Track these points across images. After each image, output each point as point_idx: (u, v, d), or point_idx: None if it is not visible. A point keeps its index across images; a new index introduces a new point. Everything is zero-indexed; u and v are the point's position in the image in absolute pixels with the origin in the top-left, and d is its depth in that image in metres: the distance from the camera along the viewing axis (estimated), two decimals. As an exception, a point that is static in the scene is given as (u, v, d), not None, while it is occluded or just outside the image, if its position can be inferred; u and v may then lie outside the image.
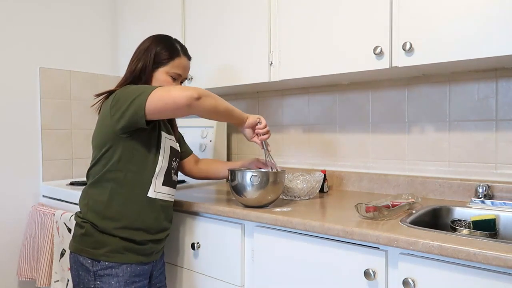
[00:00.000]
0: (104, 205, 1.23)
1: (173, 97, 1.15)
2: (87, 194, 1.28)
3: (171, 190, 1.35)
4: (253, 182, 1.28)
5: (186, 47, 1.44)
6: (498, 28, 1.12)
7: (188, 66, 1.42)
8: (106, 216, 1.23)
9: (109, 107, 1.22)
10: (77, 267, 1.24)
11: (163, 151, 1.30)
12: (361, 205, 1.16)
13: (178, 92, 1.16)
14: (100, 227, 1.23)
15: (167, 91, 1.16)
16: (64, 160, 2.20)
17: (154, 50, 1.33)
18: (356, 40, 1.39)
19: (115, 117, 1.20)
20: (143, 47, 1.35)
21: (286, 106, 2.00)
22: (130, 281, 1.24)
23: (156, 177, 1.28)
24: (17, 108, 2.03)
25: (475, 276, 0.90)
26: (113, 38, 2.43)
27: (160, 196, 1.29)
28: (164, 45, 1.35)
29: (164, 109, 1.16)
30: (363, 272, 1.07)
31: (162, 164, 1.30)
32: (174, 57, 1.35)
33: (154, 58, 1.33)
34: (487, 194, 1.36)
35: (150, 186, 1.27)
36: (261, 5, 1.65)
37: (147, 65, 1.32)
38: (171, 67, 1.34)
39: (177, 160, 1.41)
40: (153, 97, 1.15)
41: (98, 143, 1.27)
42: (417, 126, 1.60)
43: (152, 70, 1.33)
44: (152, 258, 1.32)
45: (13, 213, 2.02)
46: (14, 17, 2.01)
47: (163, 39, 1.38)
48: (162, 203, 1.30)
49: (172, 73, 1.35)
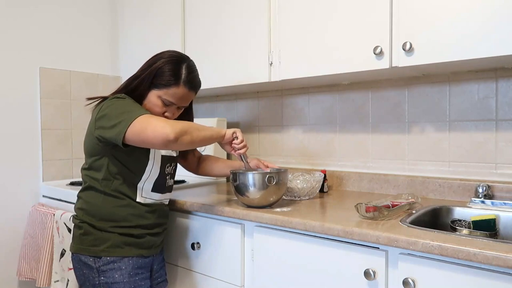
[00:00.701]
0: (99, 207, 1.27)
1: (148, 137, 1.12)
2: (81, 199, 1.32)
3: (162, 196, 1.36)
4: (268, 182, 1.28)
5: (194, 77, 1.32)
6: (498, 28, 1.12)
7: (186, 96, 1.31)
8: (102, 218, 1.26)
9: (94, 120, 1.24)
10: (80, 267, 1.27)
11: (153, 159, 1.30)
12: (361, 205, 1.16)
13: (154, 132, 1.11)
14: (98, 227, 1.26)
15: (144, 128, 1.12)
16: (64, 160, 2.20)
17: (157, 69, 1.26)
18: (356, 40, 1.39)
19: (97, 131, 1.22)
20: (152, 60, 1.30)
21: (286, 106, 2.00)
22: (134, 273, 1.26)
23: (144, 184, 1.30)
24: (17, 108, 2.03)
25: (475, 276, 0.90)
26: (113, 38, 2.43)
27: (149, 201, 1.32)
28: (170, 68, 1.27)
29: (142, 144, 1.16)
30: (363, 272, 1.07)
31: (151, 173, 1.30)
32: (171, 84, 1.26)
33: (153, 77, 1.27)
34: (487, 194, 1.36)
35: (137, 193, 1.29)
36: (261, 5, 1.65)
37: (145, 82, 1.28)
38: (164, 93, 1.27)
39: (172, 164, 1.41)
40: (131, 131, 1.14)
41: (87, 149, 1.30)
42: (417, 126, 1.60)
43: (148, 88, 1.28)
44: (152, 251, 1.34)
45: (13, 213, 2.02)
46: (14, 17, 2.01)
47: (174, 61, 1.29)
48: (152, 206, 1.33)
49: (164, 99, 1.28)
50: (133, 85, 1.29)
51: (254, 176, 1.30)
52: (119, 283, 1.24)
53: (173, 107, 1.32)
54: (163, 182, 1.35)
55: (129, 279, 1.25)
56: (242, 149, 1.36)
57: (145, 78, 1.28)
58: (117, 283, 1.24)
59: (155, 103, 1.28)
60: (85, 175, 1.31)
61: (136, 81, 1.29)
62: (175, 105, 1.31)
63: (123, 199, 1.27)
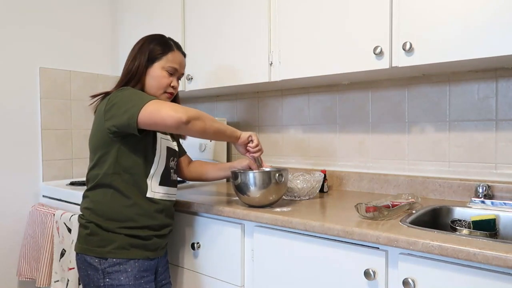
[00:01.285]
0: (107, 207, 1.25)
1: (162, 117, 1.15)
2: (88, 198, 1.30)
3: (170, 189, 1.36)
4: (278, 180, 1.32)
5: (179, 44, 1.44)
6: (498, 28, 1.12)
7: (183, 62, 1.42)
8: (109, 218, 1.25)
9: (103, 111, 1.24)
10: (85, 268, 1.25)
11: (159, 152, 1.32)
12: (361, 205, 1.16)
13: (168, 112, 1.15)
14: (105, 227, 1.24)
15: (157, 110, 1.16)
16: (64, 160, 2.20)
17: (148, 47, 1.34)
18: (356, 40, 1.39)
19: (108, 122, 1.21)
20: (137, 46, 1.37)
21: (286, 106, 2.00)
22: (139, 276, 1.26)
23: (152, 178, 1.29)
24: (17, 108, 2.03)
25: (475, 276, 0.90)
26: (113, 38, 2.43)
27: (158, 196, 1.31)
28: (157, 42, 1.36)
29: (154, 126, 1.18)
30: (363, 272, 1.07)
31: (158, 165, 1.31)
32: (167, 51, 1.35)
33: (149, 54, 1.33)
34: (487, 194, 1.36)
35: (147, 188, 1.28)
36: (261, 4, 1.65)
37: (142, 62, 1.33)
38: (166, 61, 1.34)
39: (175, 159, 1.42)
40: (144, 113, 1.16)
41: (94, 146, 1.29)
42: (417, 126, 1.60)
43: (147, 66, 1.33)
44: (158, 253, 1.33)
45: (13, 213, 2.02)
46: (14, 17, 2.01)
47: (156, 36, 1.39)
48: (161, 202, 1.32)
49: (167, 68, 1.35)
50: (132, 71, 1.33)
51: (255, 175, 1.30)
52: (125, 286, 1.23)
53: (175, 76, 1.38)
54: (168, 175, 1.36)
55: (135, 282, 1.24)
56: (257, 153, 1.39)
57: (141, 60, 1.33)
58: (123, 286, 1.22)
59: (161, 74, 1.34)
60: (93, 173, 1.29)
61: (133, 66, 1.33)
62: (177, 73, 1.39)
63: (131, 197, 1.25)
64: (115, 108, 1.21)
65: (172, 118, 1.14)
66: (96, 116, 1.29)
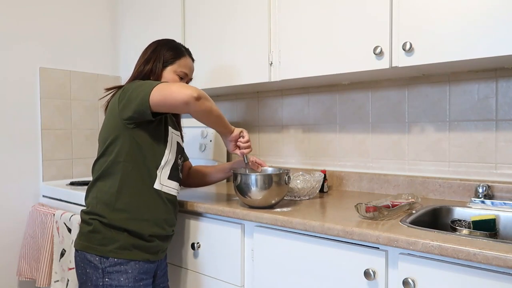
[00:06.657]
0: (114, 196, 1.24)
1: (172, 93, 1.17)
2: (95, 187, 1.29)
3: (177, 185, 1.37)
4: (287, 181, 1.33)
5: (186, 47, 1.48)
6: (498, 28, 1.12)
7: (192, 67, 1.48)
8: (116, 208, 1.24)
9: (117, 100, 1.26)
10: (84, 265, 1.24)
11: (170, 145, 1.34)
12: (361, 205, 1.16)
13: (178, 88, 1.18)
14: (109, 220, 1.23)
15: (168, 86, 1.20)
16: (64, 160, 2.20)
17: (161, 51, 1.40)
18: (356, 40, 1.39)
19: (123, 110, 1.24)
20: (150, 49, 1.42)
21: (286, 106, 2.00)
22: (139, 278, 1.25)
23: (162, 170, 1.30)
24: (17, 108, 2.03)
25: (475, 276, 0.90)
26: (113, 38, 2.43)
27: (165, 189, 1.31)
28: (170, 46, 1.42)
29: (163, 103, 1.19)
30: (363, 272, 1.07)
31: (169, 158, 1.32)
32: (180, 56, 1.41)
33: (163, 58, 1.39)
34: (487, 194, 1.36)
35: (156, 178, 1.29)
36: (261, 5, 1.65)
37: (156, 64, 1.38)
38: (178, 66, 1.40)
39: (182, 158, 1.44)
40: (155, 90, 1.19)
41: (104, 136, 1.29)
42: (417, 126, 1.60)
43: (161, 70, 1.39)
44: (158, 256, 1.33)
45: (13, 213, 2.02)
46: (14, 17, 2.01)
47: (168, 41, 1.45)
48: (168, 196, 1.32)
49: (179, 72, 1.40)
50: (144, 72, 1.37)
51: (256, 177, 1.30)
52: (124, 287, 1.22)
53: (185, 80, 1.44)
54: (176, 171, 1.37)
55: (134, 284, 1.24)
56: (246, 149, 1.38)
57: (155, 63, 1.38)
58: (122, 287, 1.22)
59: (172, 78, 1.39)
60: (99, 162, 1.28)
61: (147, 68, 1.37)
62: (186, 78, 1.45)
63: (138, 186, 1.25)
64: (128, 92, 1.24)
65: (183, 94, 1.17)
66: (109, 108, 1.31)
